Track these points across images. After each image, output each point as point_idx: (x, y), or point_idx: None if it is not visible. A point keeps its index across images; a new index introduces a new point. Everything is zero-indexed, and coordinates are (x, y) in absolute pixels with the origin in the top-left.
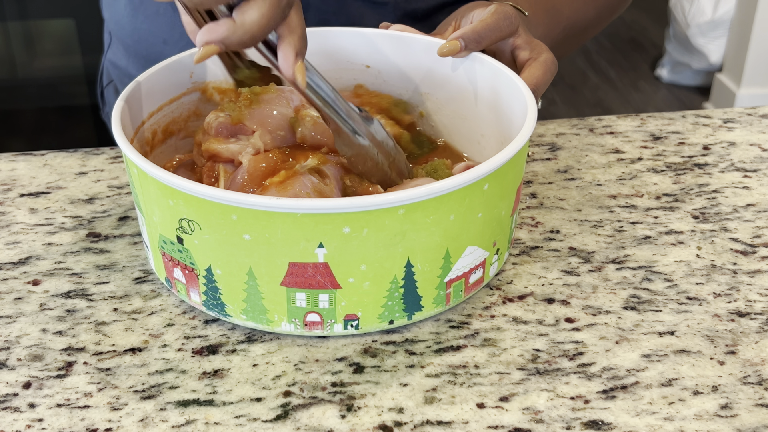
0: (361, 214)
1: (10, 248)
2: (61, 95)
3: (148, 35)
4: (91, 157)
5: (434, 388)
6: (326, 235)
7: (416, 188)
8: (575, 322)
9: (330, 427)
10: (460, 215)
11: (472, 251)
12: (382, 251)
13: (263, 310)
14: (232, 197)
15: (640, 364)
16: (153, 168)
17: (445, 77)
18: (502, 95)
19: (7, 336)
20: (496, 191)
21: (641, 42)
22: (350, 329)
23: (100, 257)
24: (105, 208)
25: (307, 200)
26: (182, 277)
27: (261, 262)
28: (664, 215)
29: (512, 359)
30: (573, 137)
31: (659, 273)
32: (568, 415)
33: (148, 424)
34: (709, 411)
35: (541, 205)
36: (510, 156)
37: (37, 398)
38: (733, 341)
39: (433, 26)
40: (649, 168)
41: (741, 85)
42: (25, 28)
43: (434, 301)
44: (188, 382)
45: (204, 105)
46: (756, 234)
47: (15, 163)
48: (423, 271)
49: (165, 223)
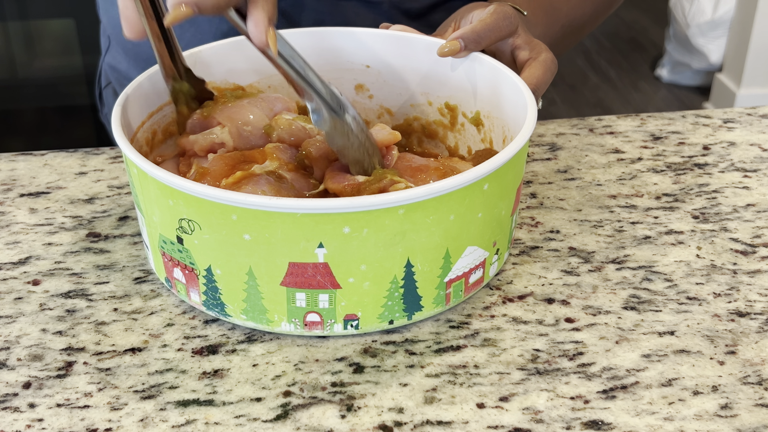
0: (361, 214)
1: (10, 248)
2: (61, 95)
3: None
4: (91, 157)
5: (434, 388)
6: (326, 235)
7: (416, 188)
8: (575, 322)
9: (330, 427)
10: (460, 215)
11: (472, 251)
12: (382, 251)
13: (263, 310)
14: (232, 197)
15: (640, 364)
16: (153, 168)
17: (445, 77)
18: (502, 95)
19: (7, 336)
20: (496, 191)
21: (641, 42)
22: (350, 329)
23: (100, 257)
24: (105, 208)
25: (307, 200)
26: (182, 277)
27: (261, 262)
28: (664, 215)
29: (512, 359)
30: (573, 137)
31: (659, 273)
32: (568, 415)
33: (148, 424)
34: (709, 411)
35: (541, 205)
36: (510, 156)
37: (37, 398)
38: (733, 341)
39: (429, 24)
40: (649, 168)
41: (741, 85)
42: (25, 28)
43: (434, 301)
44: (188, 382)
45: None
46: (756, 234)
47: (15, 163)
48: (423, 271)
49: (165, 223)
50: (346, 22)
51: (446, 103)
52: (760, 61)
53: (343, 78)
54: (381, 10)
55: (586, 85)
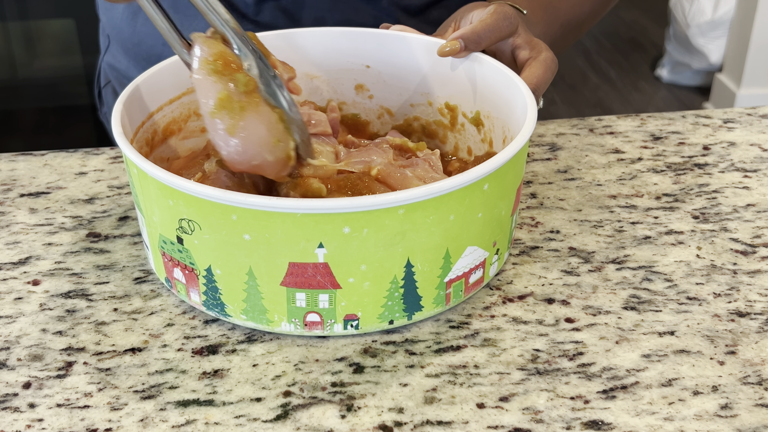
0: (361, 214)
1: (10, 248)
2: (61, 95)
3: (148, 38)
4: (91, 157)
5: (434, 388)
6: (326, 235)
7: (416, 188)
8: (575, 322)
9: (330, 427)
10: (460, 215)
11: (472, 251)
12: (382, 251)
13: (263, 310)
14: (231, 197)
15: (640, 364)
16: (153, 168)
17: (445, 77)
18: (502, 95)
19: (7, 336)
20: (496, 191)
21: (641, 42)
22: (350, 329)
23: (100, 257)
24: (105, 208)
25: (307, 200)
26: (182, 277)
27: (261, 262)
28: (664, 215)
29: (512, 359)
30: (573, 137)
31: (659, 273)
32: (568, 415)
33: (148, 424)
34: (709, 411)
35: (541, 205)
36: (510, 156)
37: (37, 398)
38: (733, 341)
39: (427, 21)
40: (649, 168)
41: (741, 85)
42: (25, 28)
43: (434, 301)
44: (188, 382)
45: None
46: (756, 234)
47: (15, 163)
48: (423, 271)
49: (165, 223)
50: (345, 19)
51: (446, 103)
52: (760, 61)
53: (343, 78)
54: (380, 7)
55: (586, 85)
